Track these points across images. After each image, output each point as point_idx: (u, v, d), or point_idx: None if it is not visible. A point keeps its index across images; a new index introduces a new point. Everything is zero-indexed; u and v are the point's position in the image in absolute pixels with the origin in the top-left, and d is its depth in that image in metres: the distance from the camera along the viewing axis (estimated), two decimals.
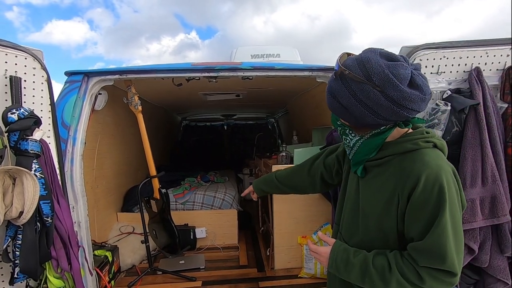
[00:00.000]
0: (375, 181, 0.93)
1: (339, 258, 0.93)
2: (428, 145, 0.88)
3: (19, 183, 1.20)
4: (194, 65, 1.74)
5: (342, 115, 0.89)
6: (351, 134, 0.93)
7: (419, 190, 0.81)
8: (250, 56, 3.12)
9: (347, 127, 0.93)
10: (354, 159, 0.97)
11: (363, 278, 0.89)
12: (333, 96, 0.88)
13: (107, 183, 2.60)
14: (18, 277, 1.24)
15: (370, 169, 0.95)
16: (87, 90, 1.70)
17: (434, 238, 0.80)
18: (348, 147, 0.97)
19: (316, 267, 2.18)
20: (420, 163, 0.84)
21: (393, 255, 0.88)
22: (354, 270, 0.90)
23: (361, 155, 0.94)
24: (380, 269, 0.86)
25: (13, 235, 1.23)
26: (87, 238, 1.70)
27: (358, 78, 0.79)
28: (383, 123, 0.84)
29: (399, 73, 0.77)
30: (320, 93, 2.55)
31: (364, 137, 0.91)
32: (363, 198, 0.96)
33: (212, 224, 2.85)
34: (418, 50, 1.41)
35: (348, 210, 1.04)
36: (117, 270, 2.26)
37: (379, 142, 0.90)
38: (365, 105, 0.81)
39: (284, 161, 2.42)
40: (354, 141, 0.93)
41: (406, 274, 0.83)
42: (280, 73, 1.81)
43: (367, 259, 0.89)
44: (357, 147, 0.94)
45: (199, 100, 3.29)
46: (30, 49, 1.36)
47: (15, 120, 1.22)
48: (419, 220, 0.83)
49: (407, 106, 0.79)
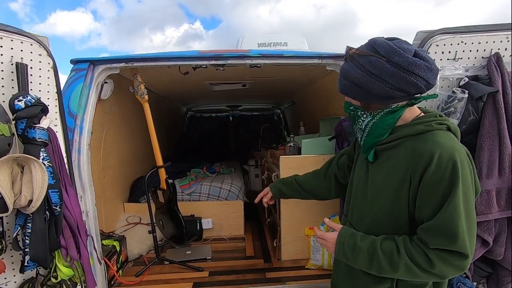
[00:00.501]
0: (385, 164, 0.92)
1: (346, 243, 0.92)
2: (441, 127, 0.87)
3: (28, 172, 1.19)
4: (201, 53, 1.70)
5: (354, 93, 0.91)
6: (363, 116, 0.94)
7: (432, 169, 0.80)
8: (257, 44, 3.06)
9: (359, 109, 0.94)
10: (366, 143, 0.96)
11: (370, 263, 0.87)
12: (344, 77, 0.92)
13: (113, 173, 2.60)
14: (29, 265, 1.24)
15: (380, 153, 0.94)
16: (93, 78, 1.68)
17: (445, 216, 0.79)
18: (360, 130, 0.97)
19: (324, 259, 2.17)
20: (433, 144, 0.83)
21: (402, 239, 0.86)
22: (361, 255, 0.88)
23: (373, 136, 0.93)
24: (388, 253, 0.85)
25: (22, 223, 1.22)
26: (95, 228, 1.70)
27: (365, 53, 0.84)
28: (393, 94, 0.84)
29: (402, 46, 0.82)
30: (328, 82, 2.50)
31: (376, 117, 0.91)
32: (372, 184, 0.95)
33: (218, 215, 2.85)
34: (435, 35, 1.36)
35: (357, 199, 1.03)
36: (124, 260, 2.27)
37: (391, 122, 0.90)
38: (373, 75, 0.83)
39: (292, 152, 2.39)
40: (366, 122, 0.93)
41: (415, 258, 0.81)
42: (289, 61, 1.77)
43: (375, 243, 0.87)
44: (369, 128, 0.94)
45: (205, 90, 3.25)
46: (35, 35, 1.34)
47: (22, 107, 1.20)
48: (431, 201, 0.81)
49: (414, 71, 0.80)
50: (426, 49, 1.37)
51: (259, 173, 4.24)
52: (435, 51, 1.37)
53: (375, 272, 0.88)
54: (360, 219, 0.99)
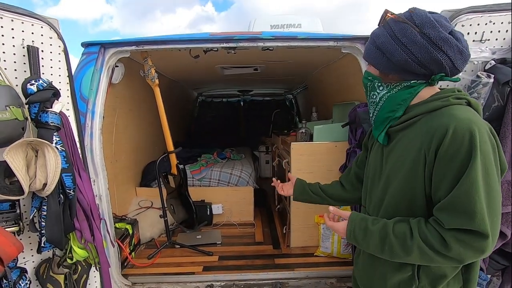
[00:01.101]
0: (399, 145, 0.87)
1: (357, 227, 0.88)
2: (460, 102, 0.81)
3: (41, 156, 1.20)
4: (212, 35, 1.66)
5: (375, 59, 0.87)
6: (379, 88, 0.90)
7: (447, 142, 0.74)
8: (270, 26, 2.96)
9: (376, 79, 0.90)
10: (377, 118, 0.92)
11: (382, 247, 0.83)
12: (371, 42, 0.88)
13: (125, 158, 2.63)
14: (45, 246, 1.27)
15: (394, 135, 0.90)
16: (104, 62, 1.66)
17: (460, 192, 0.72)
18: (373, 104, 0.93)
19: (333, 246, 2.16)
20: (449, 117, 0.77)
21: (416, 221, 0.81)
22: (373, 238, 0.84)
23: (385, 111, 0.89)
24: (400, 236, 0.80)
25: (38, 206, 1.25)
26: (108, 211, 1.74)
27: (400, 19, 0.81)
28: (414, 68, 0.80)
29: (440, 21, 0.78)
30: (344, 65, 2.41)
31: (392, 91, 0.87)
32: (387, 166, 0.90)
33: (228, 201, 2.86)
34: (461, 14, 1.27)
35: (373, 185, 0.98)
36: (137, 243, 2.33)
37: (407, 98, 0.86)
38: (400, 42, 0.80)
39: (303, 138, 2.35)
40: (381, 95, 0.90)
41: (429, 240, 0.76)
42: (302, 43, 1.70)
43: (387, 226, 0.83)
44: (382, 102, 0.90)
45: (216, 75, 3.21)
46: (45, 18, 1.31)
47: (34, 91, 1.20)
48: (446, 176, 0.75)
49: (442, 48, 0.76)
50: None
51: (269, 159, 4.23)
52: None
53: (388, 256, 0.84)
54: (376, 206, 0.95)
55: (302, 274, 1.95)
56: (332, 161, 2.18)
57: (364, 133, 1.85)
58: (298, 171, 2.21)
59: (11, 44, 1.22)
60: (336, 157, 2.16)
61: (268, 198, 3.47)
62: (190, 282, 1.88)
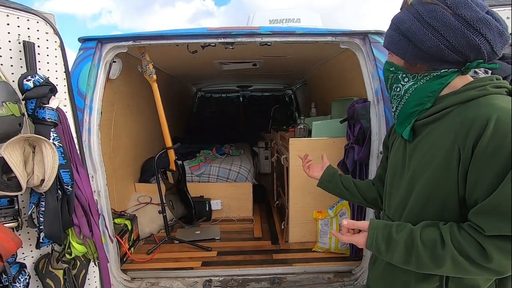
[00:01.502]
0: (426, 140, 0.77)
1: (380, 236, 0.76)
2: (500, 91, 0.71)
3: (39, 152, 1.20)
4: (210, 30, 1.65)
5: (400, 48, 0.78)
6: (404, 79, 0.80)
7: (488, 135, 0.64)
8: (269, 21, 2.95)
9: (400, 70, 0.80)
10: (402, 113, 0.82)
11: (408, 258, 0.72)
12: (394, 28, 0.79)
13: (124, 153, 2.63)
14: (44, 241, 1.28)
15: (420, 129, 0.79)
16: (101, 57, 1.65)
17: (505, 192, 0.62)
18: (397, 98, 0.83)
19: (331, 242, 2.18)
20: (488, 107, 0.67)
21: (448, 226, 0.70)
22: (398, 249, 0.73)
23: (412, 105, 0.79)
24: (430, 244, 0.69)
25: (36, 202, 1.25)
26: (106, 207, 1.74)
27: (428, 0, 0.71)
28: (447, 55, 0.70)
29: (476, 0, 0.69)
30: (342, 61, 2.40)
31: (419, 82, 0.78)
32: (411, 164, 0.80)
33: (227, 197, 2.87)
34: None
35: (394, 186, 0.88)
36: (136, 238, 2.34)
37: (437, 88, 0.76)
38: (430, 27, 0.71)
39: (302, 134, 2.34)
40: (407, 87, 0.80)
41: (465, 249, 0.65)
42: (301, 38, 1.69)
43: (413, 233, 0.72)
44: (408, 95, 0.80)
45: (215, 70, 3.20)
46: (41, 13, 1.30)
47: (31, 87, 1.19)
48: (486, 175, 0.65)
49: (481, 30, 0.67)
50: None
51: (269, 155, 4.24)
52: None
53: (414, 267, 0.73)
54: (398, 210, 0.84)
55: (300, 269, 1.96)
56: (330, 157, 2.15)
57: (362, 128, 1.85)
58: (297, 167, 2.22)
59: (7, 39, 1.21)
60: (335, 153, 2.16)
61: (267, 194, 3.48)
62: (189, 277, 1.90)
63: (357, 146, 1.90)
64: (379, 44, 1.68)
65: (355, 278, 1.86)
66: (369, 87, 1.74)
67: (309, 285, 1.84)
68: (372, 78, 1.71)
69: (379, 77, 1.67)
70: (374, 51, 1.67)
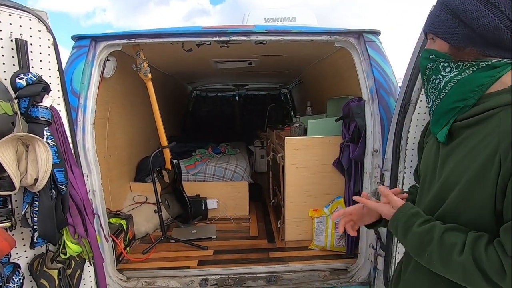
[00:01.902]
0: (464, 144, 0.67)
1: (402, 221, 0.73)
2: None
3: (32, 151, 1.18)
4: (204, 29, 1.64)
5: (447, 29, 0.67)
6: (446, 69, 0.69)
7: None
8: (264, 20, 2.95)
9: (443, 56, 0.70)
10: (439, 109, 0.72)
11: (421, 250, 0.68)
12: (440, 8, 0.69)
13: (119, 153, 2.62)
14: (38, 241, 1.27)
15: (458, 132, 0.69)
16: (95, 56, 1.64)
17: None
18: (434, 91, 0.73)
19: (327, 240, 2.19)
20: None
21: (477, 236, 0.62)
22: (413, 240, 0.70)
23: (452, 99, 0.69)
24: (447, 246, 0.64)
25: (30, 201, 1.24)
26: (101, 206, 1.73)
27: None
28: (506, 38, 0.60)
29: None
30: (338, 60, 2.41)
31: (464, 72, 0.67)
32: (445, 171, 0.71)
33: (223, 196, 2.87)
34: None
35: (423, 191, 0.80)
36: (132, 238, 2.33)
37: (485, 82, 0.65)
38: (487, 2, 0.61)
39: (297, 133, 2.35)
40: (448, 78, 0.69)
41: (483, 264, 0.59)
42: (296, 37, 1.70)
43: (435, 229, 0.66)
44: (449, 88, 0.69)
45: (210, 69, 3.19)
46: (33, 10, 1.29)
47: (23, 85, 1.18)
48: None
49: None
50: None
51: (265, 154, 4.24)
52: None
53: (425, 263, 0.70)
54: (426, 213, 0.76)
55: (296, 267, 1.97)
56: (326, 156, 2.20)
57: (357, 127, 1.86)
58: (292, 166, 2.23)
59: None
60: (330, 151, 2.17)
61: (263, 192, 3.48)
62: (185, 276, 1.89)
63: (352, 145, 1.91)
64: (373, 43, 1.69)
65: (350, 276, 1.87)
66: (364, 86, 1.75)
67: (305, 282, 1.85)
68: (367, 77, 1.72)
69: (374, 75, 1.68)
70: (369, 50, 1.68)
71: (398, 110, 1.44)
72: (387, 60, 1.71)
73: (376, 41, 1.70)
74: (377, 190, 1.67)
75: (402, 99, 1.40)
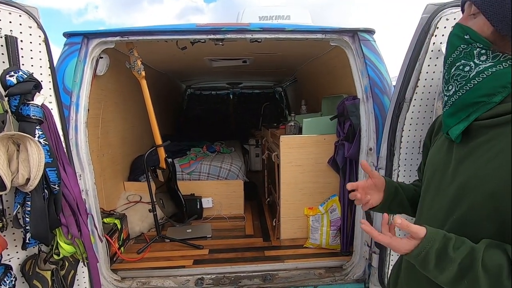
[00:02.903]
0: (489, 146, 0.61)
1: (434, 249, 0.61)
2: None
3: (24, 150, 1.16)
4: (199, 26, 1.63)
5: (498, 8, 0.57)
6: (481, 57, 0.61)
7: None
8: (258, 17, 2.94)
9: (481, 43, 0.61)
10: (461, 100, 0.64)
11: (459, 280, 0.59)
12: None
13: (113, 152, 2.59)
14: (30, 242, 1.24)
15: (479, 131, 0.63)
16: (88, 53, 1.61)
17: None
18: (460, 80, 0.64)
19: (322, 238, 2.20)
20: None
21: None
22: (450, 268, 0.60)
23: (479, 93, 0.62)
24: (493, 270, 0.56)
25: (21, 201, 1.22)
26: (95, 206, 1.71)
27: None
28: None
29: None
30: (332, 58, 2.42)
31: (500, 65, 0.59)
32: (463, 172, 0.65)
33: (219, 195, 2.86)
34: (445, 8, 1.28)
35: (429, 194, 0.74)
36: (126, 237, 2.30)
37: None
38: None
39: (292, 131, 2.35)
40: (482, 68, 0.61)
41: None
42: (290, 35, 1.69)
43: (475, 252, 0.58)
44: (479, 80, 0.61)
45: (205, 67, 3.17)
46: (24, 6, 1.26)
47: (14, 83, 1.15)
48: None
49: None
50: (435, 23, 1.30)
51: (259, 152, 4.24)
52: (444, 26, 1.30)
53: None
54: (437, 220, 0.70)
55: (292, 266, 1.98)
56: (321, 154, 2.20)
57: (351, 125, 1.87)
58: (287, 164, 2.23)
59: None
60: (325, 149, 2.18)
61: (258, 191, 3.49)
62: (181, 276, 1.88)
63: (347, 143, 1.92)
64: (368, 41, 1.70)
65: (345, 273, 1.89)
66: (358, 85, 1.75)
67: (300, 280, 1.86)
68: (361, 76, 1.73)
69: (368, 74, 1.69)
70: (363, 48, 1.69)
71: (392, 109, 1.45)
72: (381, 58, 1.72)
73: (370, 40, 1.71)
74: None
75: (397, 97, 1.41)
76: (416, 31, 1.33)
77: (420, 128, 1.42)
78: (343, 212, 2.08)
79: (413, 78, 1.34)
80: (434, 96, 1.36)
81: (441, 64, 1.30)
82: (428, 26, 1.28)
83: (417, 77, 1.33)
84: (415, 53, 1.32)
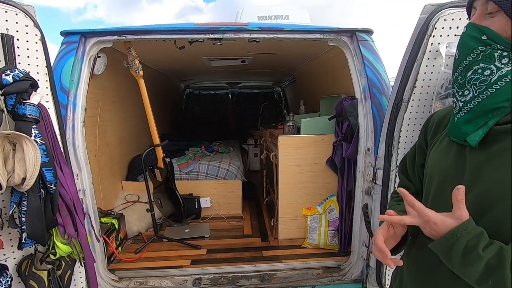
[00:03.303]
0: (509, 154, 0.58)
1: (465, 240, 0.58)
2: None
3: (20, 149, 1.15)
4: (197, 26, 1.62)
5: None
6: (502, 60, 0.57)
7: None
8: (257, 17, 2.95)
9: (501, 44, 0.57)
10: (481, 106, 0.60)
11: (484, 279, 0.57)
12: None
13: (110, 151, 2.58)
14: (26, 242, 1.24)
15: (499, 137, 0.60)
16: (85, 52, 1.61)
17: None
18: (479, 84, 0.60)
19: (320, 238, 2.20)
20: None
21: None
22: (476, 265, 0.57)
23: (501, 98, 0.58)
24: None
25: (17, 201, 1.21)
26: (92, 206, 1.70)
27: None
28: None
29: None
30: (331, 58, 2.42)
31: None
32: (485, 179, 0.62)
33: (217, 194, 2.86)
34: (444, 8, 1.28)
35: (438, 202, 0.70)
36: (123, 237, 2.30)
37: None
38: None
39: (291, 131, 2.35)
40: (504, 72, 0.57)
41: None
42: (289, 35, 1.69)
43: (504, 252, 0.56)
44: (502, 84, 0.58)
45: (203, 66, 3.16)
46: (20, 4, 1.25)
47: (10, 82, 1.15)
48: None
49: None
50: (433, 23, 1.30)
51: (258, 152, 4.24)
52: (442, 26, 1.30)
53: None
54: None
55: (290, 266, 1.97)
56: (319, 154, 2.20)
57: (350, 126, 1.87)
58: (286, 164, 2.23)
59: None
60: (323, 150, 2.18)
61: (256, 191, 3.48)
62: (178, 276, 1.88)
63: (345, 143, 1.92)
64: (366, 42, 1.70)
65: (343, 273, 1.89)
66: (356, 85, 1.75)
67: (298, 281, 1.86)
68: (359, 76, 1.73)
69: (366, 74, 1.69)
70: (362, 48, 1.69)
71: (390, 109, 1.45)
72: (379, 59, 1.72)
73: (368, 40, 1.71)
74: (370, 189, 1.68)
75: (395, 98, 1.41)
76: (414, 32, 1.33)
77: (418, 128, 1.42)
78: (341, 213, 2.09)
79: (411, 78, 1.34)
80: (432, 96, 1.36)
81: (439, 65, 1.31)
82: (426, 27, 1.28)
83: (415, 77, 1.33)
84: (413, 54, 1.32)
